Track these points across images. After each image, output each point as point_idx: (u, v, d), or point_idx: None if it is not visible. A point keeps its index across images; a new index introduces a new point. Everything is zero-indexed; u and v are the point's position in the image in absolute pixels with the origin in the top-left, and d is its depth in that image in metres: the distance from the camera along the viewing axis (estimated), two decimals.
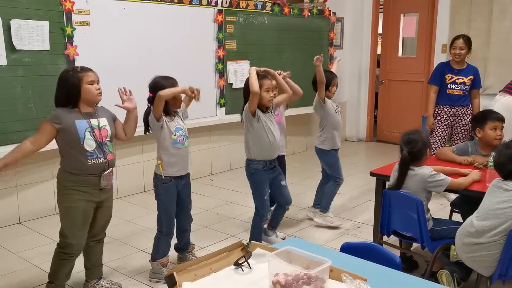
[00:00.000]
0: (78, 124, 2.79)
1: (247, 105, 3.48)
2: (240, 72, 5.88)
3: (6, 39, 3.91)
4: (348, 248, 2.20)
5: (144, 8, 4.91)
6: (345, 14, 7.65)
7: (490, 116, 3.55)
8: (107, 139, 2.90)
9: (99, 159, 2.84)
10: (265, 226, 3.90)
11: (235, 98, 5.85)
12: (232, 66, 5.78)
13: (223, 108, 5.78)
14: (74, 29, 4.34)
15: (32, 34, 4.06)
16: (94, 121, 2.86)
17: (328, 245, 3.87)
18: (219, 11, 5.56)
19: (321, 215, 4.31)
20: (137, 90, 4.84)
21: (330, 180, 4.36)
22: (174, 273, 1.76)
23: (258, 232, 3.72)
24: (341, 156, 4.53)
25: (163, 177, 3.19)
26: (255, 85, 3.33)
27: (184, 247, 3.54)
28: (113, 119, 3.03)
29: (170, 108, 3.23)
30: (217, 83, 5.68)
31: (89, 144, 2.81)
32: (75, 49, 4.35)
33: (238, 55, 5.83)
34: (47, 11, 4.17)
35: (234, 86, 5.82)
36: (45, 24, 4.14)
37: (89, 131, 2.81)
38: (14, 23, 3.94)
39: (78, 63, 4.37)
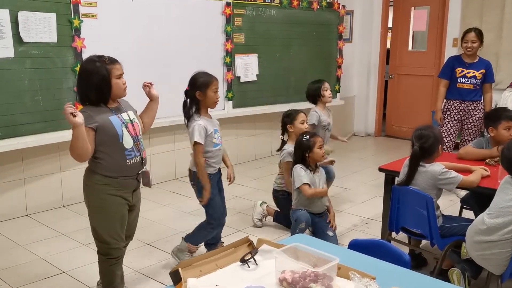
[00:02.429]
0: (113, 121, 2.57)
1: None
2: (248, 65, 5.84)
3: (13, 31, 3.90)
4: (356, 245, 2.17)
5: (151, 0, 4.88)
6: (355, 7, 7.57)
7: (504, 115, 3.47)
8: (140, 134, 2.73)
9: (136, 158, 2.66)
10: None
11: (242, 92, 5.83)
12: (240, 59, 5.74)
13: (231, 102, 5.75)
14: (82, 21, 4.32)
15: (40, 26, 4.05)
16: (124, 116, 2.65)
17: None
18: (227, 4, 5.52)
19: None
20: (144, 82, 4.85)
21: None
22: (179, 269, 1.74)
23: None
24: (349, 151, 4.52)
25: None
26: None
27: (214, 242, 3.51)
28: (135, 111, 2.84)
29: (202, 108, 3.23)
30: (225, 77, 5.64)
31: (127, 142, 2.61)
32: (83, 41, 4.34)
33: (246, 48, 5.79)
34: (55, 3, 4.15)
35: (242, 80, 5.79)
36: (53, 16, 4.13)
37: (125, 127, 2.61)
38: (22, 15, 3.93)
39: (86, 55, 4.35)
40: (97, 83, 2.52)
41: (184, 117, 3.30)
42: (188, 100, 3.26)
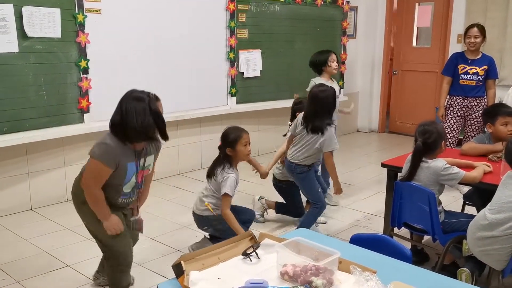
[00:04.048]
0: (129, 168, 2.54)
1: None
2: (252, 61, 5.84)
3: (18, 26, 3.91)
4: (358, 240, 2.18)
5: None
6: (359, 3, 7.55)
7: (500, 111, 3.46)
8: (143, 180, 2.73)
9: (130, 199, 2.72)
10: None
11: (246, 88, 5.83)
12: (243, 55, 5.74)
13: (234, 98, 5.76)
14: (86, 16, 4.33)
15: (44, 21, 4.06)
16: (142, 161, 2.62)
17: (337, 236, 3.85)
18: (231, 0, 5.52)
19: None
20: (148, 77, 4.87)
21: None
22: (182, 262, 1.75)
23: (312, 222, 3.77)
24: (353, 146, 4.53)
25: (216, 214, 3.25)
26: None
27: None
28: (158, 152, 2.79)
29: (234, 162, 3.27)
30: (229, 72, 5.65)
31: (129, 187, 2.63)
32: (87, 36, 4.35)
33: (249, 44, 5.79)
34: None
35: (245, 75, 5.79)
36: (57, 11, 4.14)
37: (135, 175, 2.60)
38: (26, 10, 3.94)
39: (90, 51, 4.39)
40: (145, 122, 2.43)
41: (211, 168, 3.31)
42: (222, 154, 3.29)
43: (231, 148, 3.22)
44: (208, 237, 3.45)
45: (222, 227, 3.26)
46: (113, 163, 2.46)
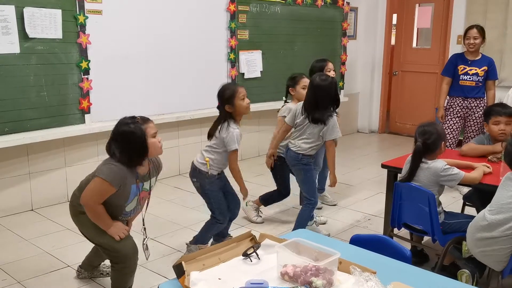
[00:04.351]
0: (132, 190, 2.61)
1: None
2: (252, 62, 5.86)
3: (19, 27, 3.92)
4: (358, 240, 2.19)
5: None
6: (359, 4, 7.56)
7: (493, 110, 3.51)
8: (144, 198, 2.78)
9: (129, 216, 2.77)
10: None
11: (247, 88, 5.79)
12: (244, 56, 5.76)
13: None
14: (87, 17, 4.34)
15: (45, 22, 4.07)
16: (146, 185, 2.69)
17: (337, 236, 3.86)
18: (232, 0, 5.52)
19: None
20: (149, 78, 4.88)
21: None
22: (183, 262, 1.76)
23: (306, 221, 3.76)
24: (353, 147, 4.53)
25: (209, 173, 3.28)
26: None
27: (223, 235, 3.56)
28: (159, 172, 2.86)
29: (236, 118, 3.28)
30: (229, 73, 5.66)
31: (130, 207, 2.69)
32: (88, 37, 4.36)
33: (250, 44, 5.80)
34: None
35: (246, 76, 5.80)
36: (58, 12, 4.15)
37: (137, 196, 2.66)
38: (27, 11, 3.95)
39: (91, 51, 4.40)
40: (134, 145, 2.52)
41: (211, 129, 3.34)
42: (222, 114, 3.31)
43: (229, 104, 3.22)
44: (189, 241, 3.48)
45: (207, 191, 3.30)
46: (118, 184, 2.52)
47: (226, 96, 3.22)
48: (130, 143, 2.52)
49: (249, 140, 6.17)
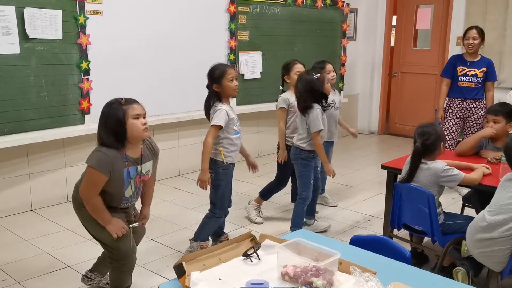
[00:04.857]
0: (125, 174, 2.56)
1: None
2: (252, 63, 5.86)
3: (19, 28, 3.93)
4: (358, 241, 2.19)
5: None
6: (359, 5, 7.57)
7: (489, 110, 3.65)
8: (141, 184, 2.74)
9: (132, 202, 2.75)
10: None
11: (246, 89, 5.84)
12: (244, 56, 5.76)
13: (234, 99, 5.76)
14: (87, 18, 4.34)
15: (45, 23, 4.08)
16: (139, 168, 2.64)
17: (337, 237, 3.86)
18: (232, 1, 5.53)
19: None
20: (149, 79, 4.88)
21: None
22: (183, 262, 1.76)
23: (301, 217, 3.79)
24: (353, 148, 4.54)
25: (225, 163, 3.30)
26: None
27: (220, 233, 3.60)
28: (156, 157, 2.81)
29: (223, 98, 3.30)
30: None
31: (128, 192, 2.65)
32: (88, 38, 4.36)
33: (250, 45, 5.81)
34: (60, 0, 4.18)
35: (246, 77, 5.81)
36: (58, 13, 4.15)
37: (133, 180, 2.62)
38: (28, 11, 3.96)
39: (91, 52, 4.40)
40: (111, 124, 2.49)
41: (205, 111, 3.37)
42: (210, 93, 3.34)
43: (217, 84, 3.24)
44: (191, 238, 3.48)
45: (220, 181, 3.32)
46: (107, 170, 2.49)
47: (215, 76, 3.25)
48: (107, 124, 2.50)
49: (249, 141, 6.16)
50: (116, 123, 2.47)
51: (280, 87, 4.28)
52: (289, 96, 4.01)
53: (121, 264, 2.72)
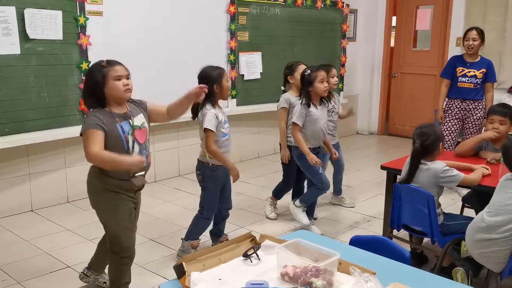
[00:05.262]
0: (119, 129, 2.54)
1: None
2: (252, 63, 5.87)
3: (19, 28, 3.93)
4: (357, 242, 2.20)
5: None
6: (359, 6, 7.58)
7: (490, 109, 3.63)
8: (147, 139, 2.71)
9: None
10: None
11: (246, 90, 5.85)
12: (244, 57, 5.77)
13: (235, 100, 5.78)
14: (87, 18, 4.35)
15: (46, 24, 4.08)
16: (131, 121, 2.62)
17: (337, 237, 3.87)
18: (232, 2, 5.54)
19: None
20: (150, 80, 4.88)
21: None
22: (183, 262, 1.77)
23: (311, 201, 3.91)
24: (352, 149, 4.55)
25: (210, 165, 3.29)
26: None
27: (219, 234, 3.60)
28: (145, 109, 2.78)
29: (217, 100, 3.30)
30: (229, 74, 5.66)
31: (134, 148, 2.60)
32: (88, 38, 4.37)
33: (250, 46, 5.82)
34: (61, 0, 4.18)
35: (246, 78, 5.81)
36: (59, 14, 4.16)
37: (131, 134, 2.59)
38: (28, 12, 3.96)
39: (91, 53, 4.40)
40: (91, 86, 2.54)
41: (192, 113, 3.34)
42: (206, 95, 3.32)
43: (218, 84, 3.24)
44: (183, 237, 3.50)
45: (206, 183, 3.33)
46: (99, 125, 2.47)
47: (214, 76, 3.24)
48: (87, 86, 2.56)
49: (249, 142, 6.19)
50: (94, 85, 2.51)
51: (282, 87, 4.30)
52: (291, 96, 4.04)
53: (120, 257, 2.73)
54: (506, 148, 2.67)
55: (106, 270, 3.05)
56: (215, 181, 3.34)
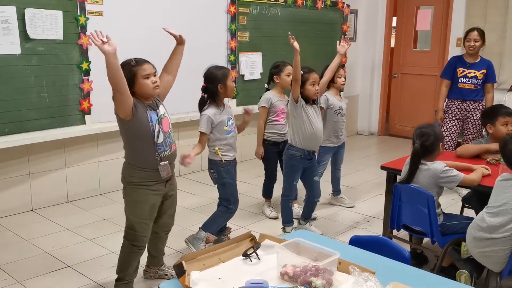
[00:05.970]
0: (148, 117, 2.69)
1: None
2: (252, 63, 5.87)
3: (20, 28, 3.94)
4: (357, 241, 2.20)
5: None
6: (359, 7, 7.58)
7: (500, 111, 3.54)
8: (170, 128, 2.84)
9: (166, 152, 2.78)
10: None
11: (246, 90, 5.85)
12: (244, 57, 5.77)
13: (235, 100, 5.78)
14: (88, 18, 4.35)
15: (46, 24, 4.09)
16: (157, 112, 2.77)
17: (337, 238, 3.87)
18: (232, 2, 5.55)
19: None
20: None
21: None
22: (183, 262, 1.77)
23: (287, 212, 3.90)
24: (353, 149, 4.57)
25: (224, 161, 3.35)
26: (297, 72, 3.52)
27: (223, 228, 3.65)
28: (161, 100, 2.93)
29: (222, 99, 3.34)
30: None
31: (159, 137, 2.73)
32: (88, 38, 4.37)
33: (250, 46, 5.82)
34: (61, 0, 4.19)
35: (246, 78, 5.82)
36: (59, 14, 4.17)
37: (158, 123, 2.73)
38: (29, 12, 3.97)
39: (91, 53, 4.41)
40: (127, 79, 2.66)
41: (199, 108, 3.40)
42: (205, 95, 3.37)
43: (222, 84, 3.29)
44: (201, 226, 3.51)
45: (224, 179, 3.38)
46: (130, 97, 2.62)
47: (219, 76, 3.29)
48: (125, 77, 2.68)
49: (249, 142, 6.17)
50: (128, 80, 2.66)
51: (266, 85, 4.39)
52: (273, 96, 4.14)
53: (132, 244, 2.85)
54: (504, 143, 2.67)
55: (166, 262, 3.23)
56: (230, 174, 3.41)
